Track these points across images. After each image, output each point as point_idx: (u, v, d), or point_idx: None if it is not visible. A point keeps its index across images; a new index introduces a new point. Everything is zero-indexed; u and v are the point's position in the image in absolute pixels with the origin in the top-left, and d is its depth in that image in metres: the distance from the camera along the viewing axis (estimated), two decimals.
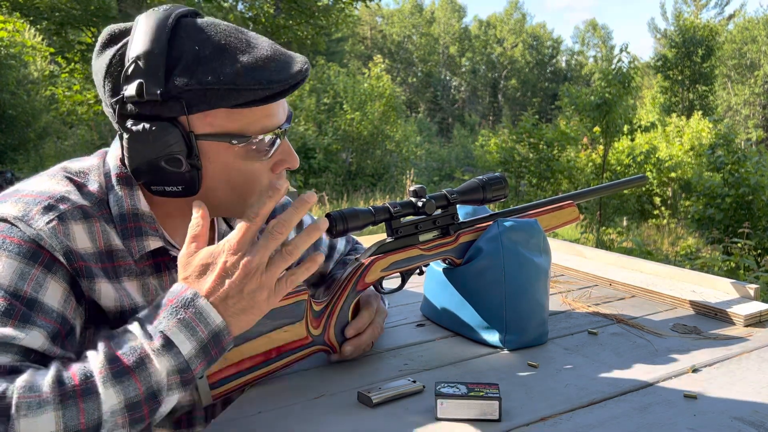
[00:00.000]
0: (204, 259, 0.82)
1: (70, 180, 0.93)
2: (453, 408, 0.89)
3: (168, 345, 0.77)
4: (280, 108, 0.95)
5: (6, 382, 0.71)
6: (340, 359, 1.10)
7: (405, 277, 1.18)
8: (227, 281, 0.81)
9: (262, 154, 0.93)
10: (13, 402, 0.69)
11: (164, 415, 0.80)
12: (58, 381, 0.72)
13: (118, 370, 0.74)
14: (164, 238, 0.96)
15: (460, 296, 1.21)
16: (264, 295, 0.83)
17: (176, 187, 0.91)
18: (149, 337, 0.77)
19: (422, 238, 1.17)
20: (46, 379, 0.72)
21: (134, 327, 0.79)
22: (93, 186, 0.94)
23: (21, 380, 0.71)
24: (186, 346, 0.78)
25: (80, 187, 0.92)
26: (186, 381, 0.79)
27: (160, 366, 0.76)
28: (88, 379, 0.73)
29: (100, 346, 0.77)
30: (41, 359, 0.79)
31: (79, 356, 0.87)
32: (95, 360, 0.75)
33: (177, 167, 0.88)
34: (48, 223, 0.84)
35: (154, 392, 0.76)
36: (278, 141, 0.94)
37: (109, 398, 0.73)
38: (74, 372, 0.74)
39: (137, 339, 0.77)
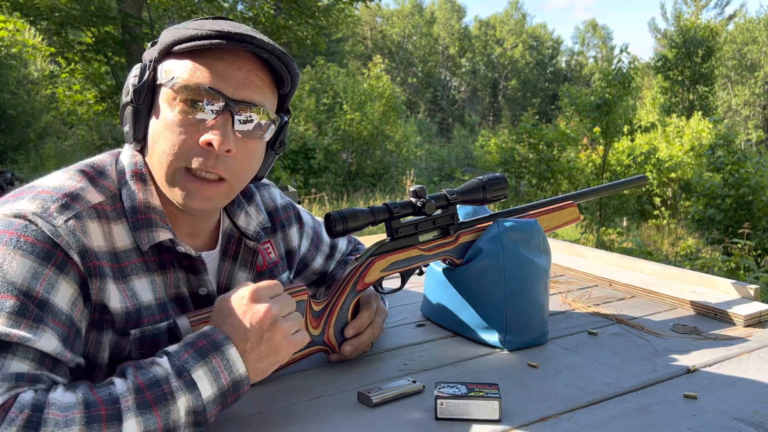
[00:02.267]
0: (232, 301, 0.88)
1: (84, 174, 0.94)
2: (453, 408, 0.89)
3: (191, 386, 0.79)
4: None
5: (37, 395, 0.74)
6: (339, 359, 1.10)
7: (405, 277, 1.18)
8: (248, 323, 0.85)
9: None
10: (44, 416, 0.71)
11: None
12: (86, 403, 0.74)
13: (142, 402, 0.76)
14: (173, 233, 0.97)
15: (460, 296, 1.21)
16: (283, 343, 0.87)
17: None
18: (176, 374, 0.79)
19: (422, 238, 1.17)
20: (75, 399, 0.75)
21: (163, 361, 0.81)
22: (107, 180, 0.96)
23: (53, 397, 0.74)
24: (207, 391, 0.80)
25: (94, 182, 0.94)
26: (199, 422, 0.81)
27: (180, 404, 0.78)
28: (113, 405, 0.75)
29: (129, 374, 0.80)
30: (54, 364, 0.81)
31: (88, 362, 0.88)
32: (122, 387, 0.78)
33: None
34: (66, 221, 0.86)
35: (170, 430, 0.78)
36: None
37: (130, 427, 0.75)
38: (101, 397, 0.76)
39: (164, 374, 0.79)
